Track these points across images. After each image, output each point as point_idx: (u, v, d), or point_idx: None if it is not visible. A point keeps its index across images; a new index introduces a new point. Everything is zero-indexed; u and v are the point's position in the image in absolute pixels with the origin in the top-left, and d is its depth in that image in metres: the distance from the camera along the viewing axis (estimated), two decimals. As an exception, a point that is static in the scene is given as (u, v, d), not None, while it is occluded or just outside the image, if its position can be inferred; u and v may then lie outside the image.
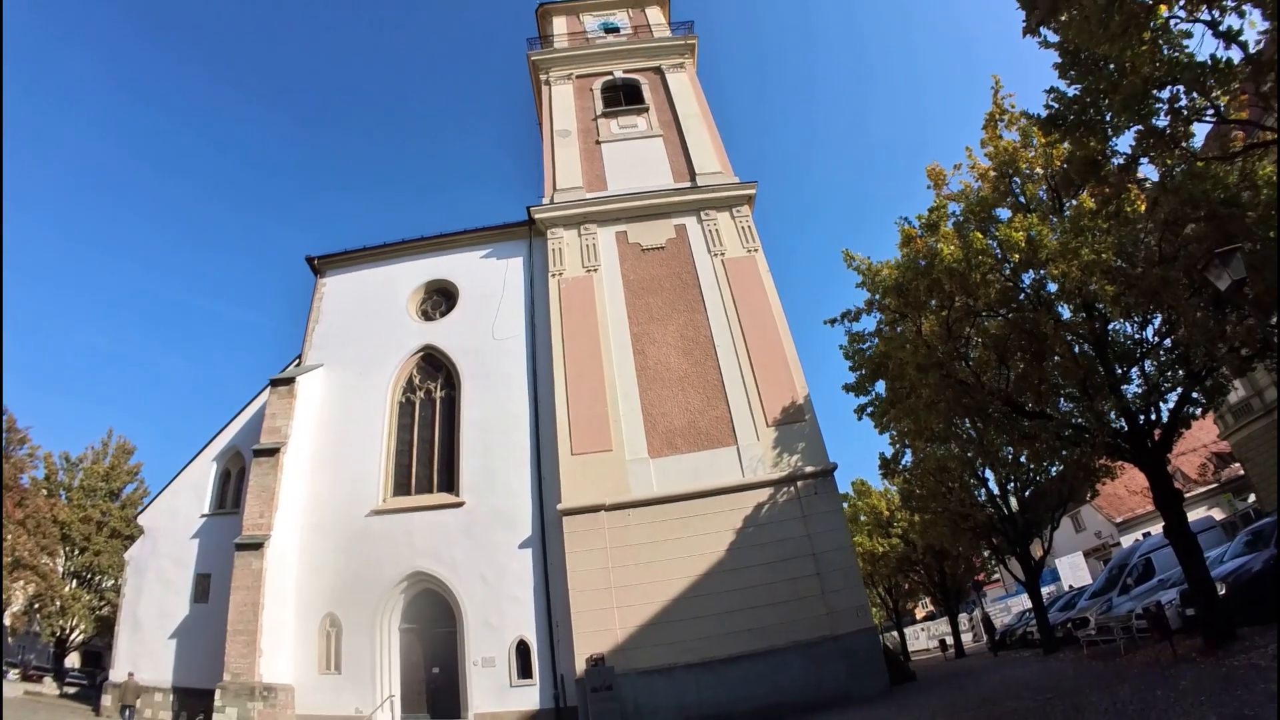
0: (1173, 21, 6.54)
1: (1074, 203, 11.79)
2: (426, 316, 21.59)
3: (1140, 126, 7.08)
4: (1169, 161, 7.89)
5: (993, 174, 13.12)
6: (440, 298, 21.88)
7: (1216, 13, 6.23)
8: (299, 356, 21.29)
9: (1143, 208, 9.58)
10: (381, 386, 20.17)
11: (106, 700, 19.60)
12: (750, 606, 16.07)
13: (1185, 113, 6.90)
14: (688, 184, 22.05)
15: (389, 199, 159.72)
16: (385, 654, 17.49)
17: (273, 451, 18.87)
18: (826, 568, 16.49)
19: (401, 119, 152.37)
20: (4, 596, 27.71)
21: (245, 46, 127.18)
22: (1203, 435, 32.04)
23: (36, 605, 28.73)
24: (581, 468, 17.63)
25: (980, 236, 11.07)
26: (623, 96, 25.14)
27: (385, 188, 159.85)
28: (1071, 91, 7.69)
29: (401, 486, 19.15)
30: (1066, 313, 12.55)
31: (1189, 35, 6.54)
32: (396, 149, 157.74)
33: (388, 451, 19.43)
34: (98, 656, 37.26)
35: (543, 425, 18.75)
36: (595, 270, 20.32)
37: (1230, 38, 6.24)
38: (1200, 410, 12.98)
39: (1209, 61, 6.44)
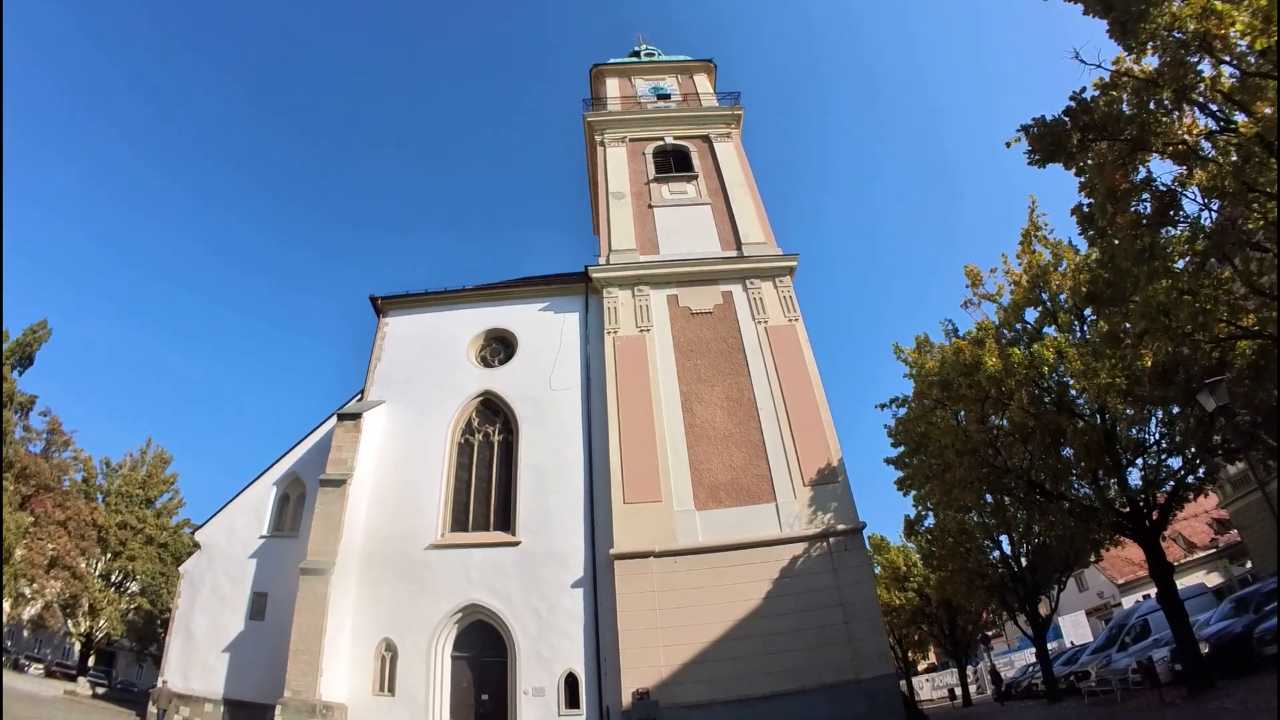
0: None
1: (1093, 318, 14.39)
2: (486, 363, 23.90)
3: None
4: (1169, 350, 10.46)
5: (1025, 281, 15.71)
6: (499, 345, 24.22)
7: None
8: (361, 392, 23.47)
9: (1149, 363, 12.11)
10: (442, 426, 22.41)
11: (153, 708, 20.97)
12: (783, 650, 18.14)
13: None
14: (734, 253, 24.60)
15: (442, 238, 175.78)
16: (438, 679, 19.34)
17: (339, 482, 20.82)
18: (853, 617, 18.63)
19: (452, 160, 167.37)
20: (30, 591, 29.45)
21: (321, 98, 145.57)
22: (1205, 502, 34.57)
23: (67, 603, 30.40)
24: (633, 516, 19.91)
25: (1018, 353, 13.68)
26: (673, 162, 27.75)
27: (440, 228, 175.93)
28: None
29: (459, 523, 21.29)
30: (1082, 401, 15.16)
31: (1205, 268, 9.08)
32: (449, 189, 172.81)
33: (447, 489, 21.57)
34: (111, 656, 39.07)
35: (596, 473, 21.03)
36: (648, 330, 22.81)
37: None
38: (1193, 495, 15.43)
39: (1203, 304, 9.04)
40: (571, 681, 18.78)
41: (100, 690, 29.85)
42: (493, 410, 23.00)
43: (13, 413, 28.25)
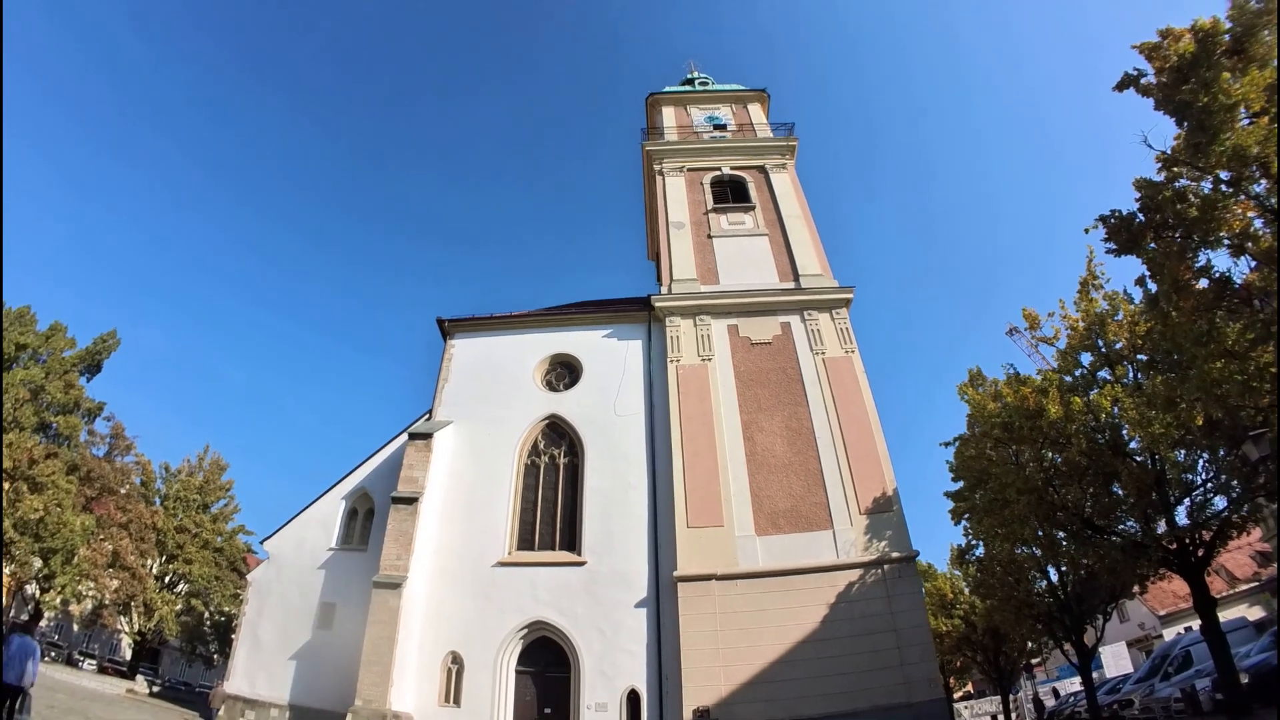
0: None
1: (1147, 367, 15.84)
2: (551, 387, 25.55)
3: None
4: (1218, 415, 11.89)
5: (1081, 327, 17.11)
6: (564, 370, 25.88)
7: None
8: (429, 411, 25.14)
9: (1199, 422, 13.49)
10: (509, 448, 24.01)
11: (221, 711, 22.43)
12: (838, 672, 19.43)
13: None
14: (792, 284, 26.15)
15: (497, 253, 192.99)
16: (502, 693, 20.69)
17: (411, 500, 22.30)
18: (905, 642, 19.88)
19: (509, 177, 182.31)
20: (85, 589, 31.26)
21: (377, 121, 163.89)
22: (1249, 535, 35.59)
23: (122, 602, 32.16)
24: (696, 540, 21.37)
25: (1079, 401, 15.13)
26: (730, 193, 29.40)
27: (496, 245, 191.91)
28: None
29: (525, 542, 22.81)
30: (1135, 444, 16.54)
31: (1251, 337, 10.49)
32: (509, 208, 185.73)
33: (514, 508, 23.14)
34: (157, 654, 41.12)
35: (660, 497, 22.53)
36: (710, 360, 24.36)
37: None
38: (1236, 532, 16.72)
39: (1249, 381, 10.50)
40: (633, 698, 20.11)
41: (156, 689, 31.64)
42: (558, 433, 24.60)
43: (80, 418, 30.24)
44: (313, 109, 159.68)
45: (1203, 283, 10.96)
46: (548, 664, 21.25)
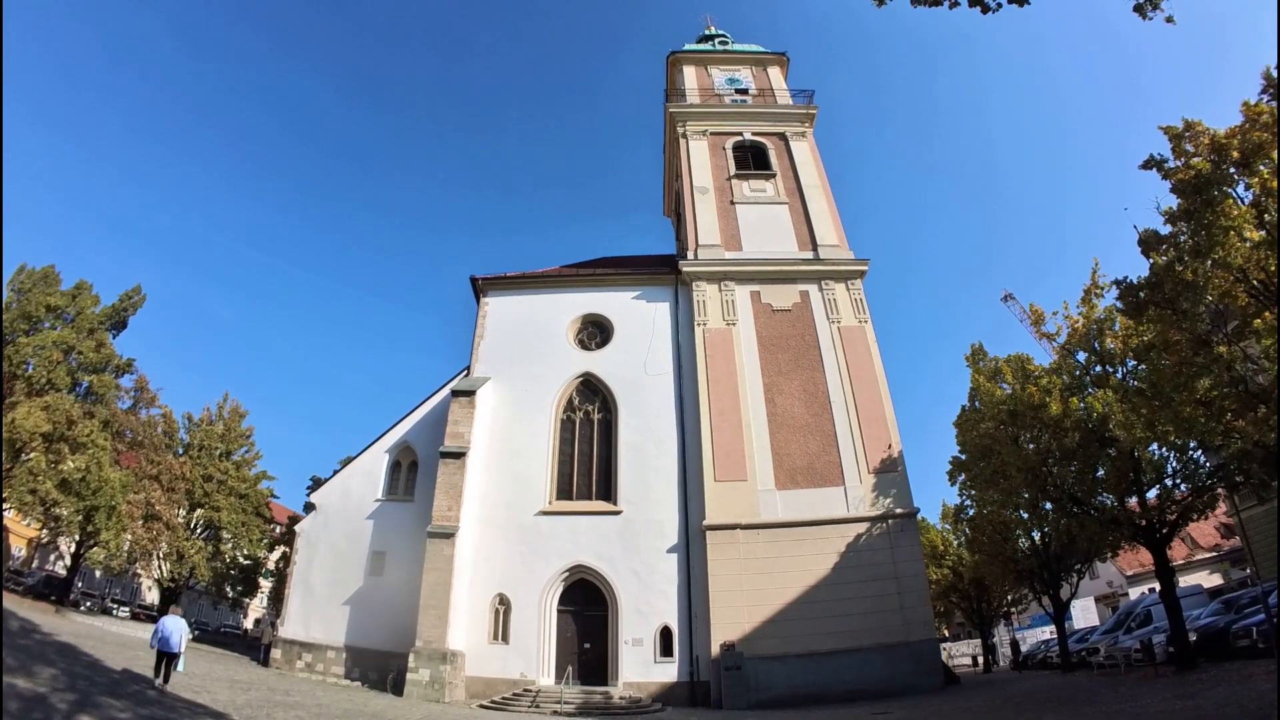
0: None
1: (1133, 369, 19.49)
2: (584, 345, 28.51)
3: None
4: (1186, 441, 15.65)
5: (1081, 327, 20.54)
6: (595, 329, 28.83)
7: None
8: (467, 368, 27.98)
9: (1172, 437, 16.92)
10: (546, 404, 27.06)
11: (277, 654, 24.88)
12: (845, 614, 23.06)
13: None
14: (810, 254, 29.17)
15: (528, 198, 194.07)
16: (546, 629, 23.94)
17: (458, 454, 25.04)
18: (905, 589, 23.59)
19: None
20: (119, 540, 34.00)
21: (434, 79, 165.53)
22: (1217, 510, 40.39)
23: (152, 551, 34.91)
24: (722, 492, 24.83)
25: (1076, 402, 18.73)
26: (751, 159, 32.03)
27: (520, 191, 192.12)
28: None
29: (564, 492, 26.06)
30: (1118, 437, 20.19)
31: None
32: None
33: (552, 461, 26.31)
34: (177, 597, 44.32)
35: (689, 453, 25.83)
36: (734, 324, 27.52)
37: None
38: (1197, 515, 20.24)
39: (1210, 424, 14.11)
40: (666, 634, 23.56)
41: (195, 634, 34.69)
42: (592, 390, 27.69)
43: (112, 375, 32.66)
44: (312, 54, 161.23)
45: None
46: (587, 603, 24.53)
